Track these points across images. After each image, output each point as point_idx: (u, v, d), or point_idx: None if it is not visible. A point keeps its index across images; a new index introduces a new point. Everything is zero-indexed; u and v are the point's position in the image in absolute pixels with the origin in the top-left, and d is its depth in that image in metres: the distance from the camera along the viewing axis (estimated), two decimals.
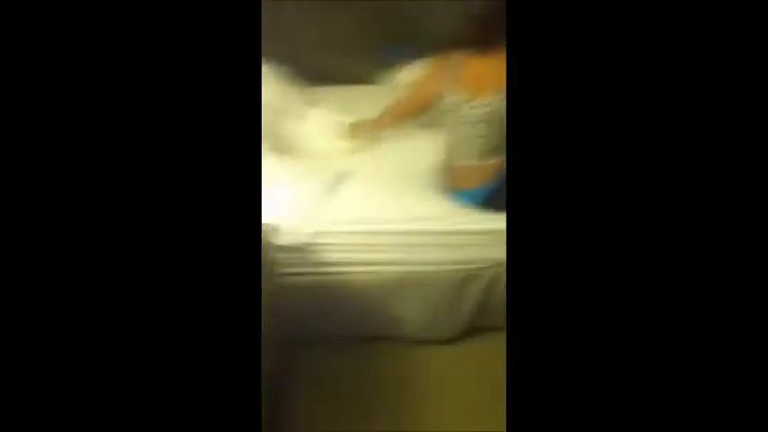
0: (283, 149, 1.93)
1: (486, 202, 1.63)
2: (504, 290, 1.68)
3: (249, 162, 0.73)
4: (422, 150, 1.91)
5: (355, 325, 1.78)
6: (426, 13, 2.34)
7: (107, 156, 0.69)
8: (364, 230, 1.63)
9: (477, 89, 1.45)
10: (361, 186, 1.76)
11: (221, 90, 0.71)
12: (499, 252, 1.63)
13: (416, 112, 1.78)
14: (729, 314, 0.66)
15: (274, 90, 2.07)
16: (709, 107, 0.67)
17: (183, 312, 0.71)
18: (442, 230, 1.64)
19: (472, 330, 1.80)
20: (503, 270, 1.66)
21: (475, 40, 1.39)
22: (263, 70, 1.91)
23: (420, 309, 1.73)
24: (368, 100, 2.06)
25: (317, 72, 2.40)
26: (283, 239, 1.58)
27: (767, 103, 0.65)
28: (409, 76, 2.20)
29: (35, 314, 0.68)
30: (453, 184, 1.72)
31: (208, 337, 0.71)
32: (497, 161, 1.60)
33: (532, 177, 0.71)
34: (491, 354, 1.69)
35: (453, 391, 1.67)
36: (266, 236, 1.55)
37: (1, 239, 0.67)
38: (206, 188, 0.71)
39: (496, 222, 1.61)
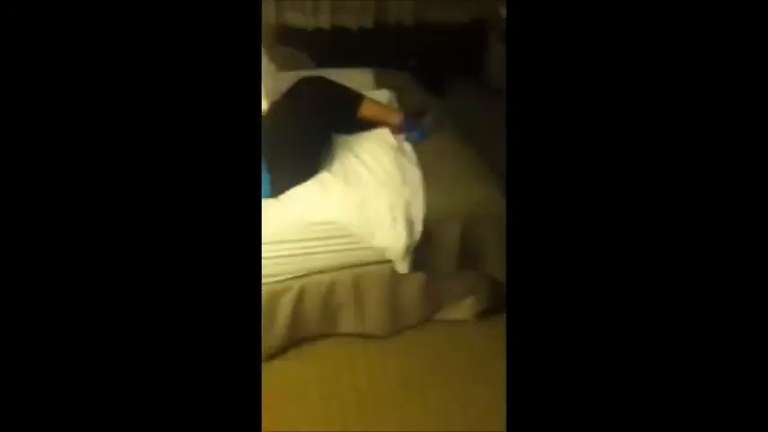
0: None
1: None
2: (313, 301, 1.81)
3: (248, 161, 0.73)
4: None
5: None
6: None
7: (106, 154, 0.69)
8: None
9: None
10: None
11: (221, 89, 0.71)
12: (310, 261, 1.73)
13: None
14: (730, 320, 0.69)
15: None
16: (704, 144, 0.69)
17: (182, 312, 0.71)
18: None
19: (293, 343, 1.90)
20: (311, 281, 1.77)
21: None
22: None
23: None
24: None
25: None
26: None
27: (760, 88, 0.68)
28: None
29: (34, 314, 0.67)
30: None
31: (207, 337, 0.71)
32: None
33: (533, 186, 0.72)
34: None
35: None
36: None
37: None
38: (204, 188, 0.71)
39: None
